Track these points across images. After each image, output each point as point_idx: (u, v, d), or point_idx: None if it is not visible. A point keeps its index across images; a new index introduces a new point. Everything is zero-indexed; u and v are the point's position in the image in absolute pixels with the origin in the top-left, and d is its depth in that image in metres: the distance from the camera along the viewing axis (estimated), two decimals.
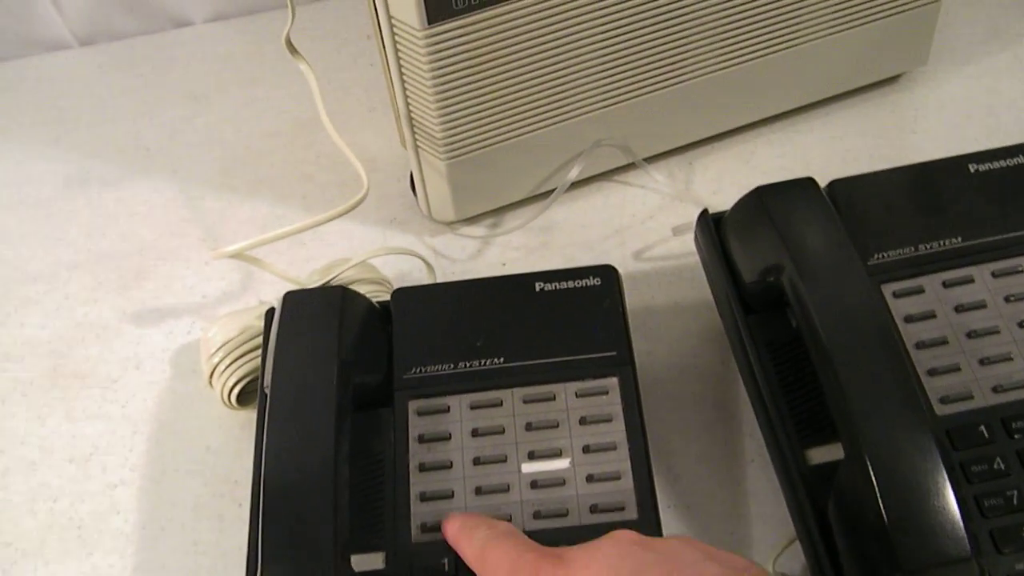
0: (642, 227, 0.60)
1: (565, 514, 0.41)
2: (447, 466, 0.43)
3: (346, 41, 0.74)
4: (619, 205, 0.61)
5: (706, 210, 0.50)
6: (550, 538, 0.38)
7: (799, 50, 0.60)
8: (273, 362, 0.42)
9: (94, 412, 0.54)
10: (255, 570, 0.38)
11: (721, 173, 0.62)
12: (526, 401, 0.44)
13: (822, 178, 0.48)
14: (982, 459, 0.41)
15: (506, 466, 0.42)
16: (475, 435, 0.43)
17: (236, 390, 0.50)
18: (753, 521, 0.47)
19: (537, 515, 0.41)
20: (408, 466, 0.43)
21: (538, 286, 0.47)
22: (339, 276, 0.51)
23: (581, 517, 0.41)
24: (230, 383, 0.49)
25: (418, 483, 0.42)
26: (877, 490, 0.37)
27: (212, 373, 0.50)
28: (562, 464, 0.42)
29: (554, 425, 0.43)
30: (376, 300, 0.48)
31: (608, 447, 0.42)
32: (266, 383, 0.42)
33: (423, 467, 0.43)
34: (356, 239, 0.61)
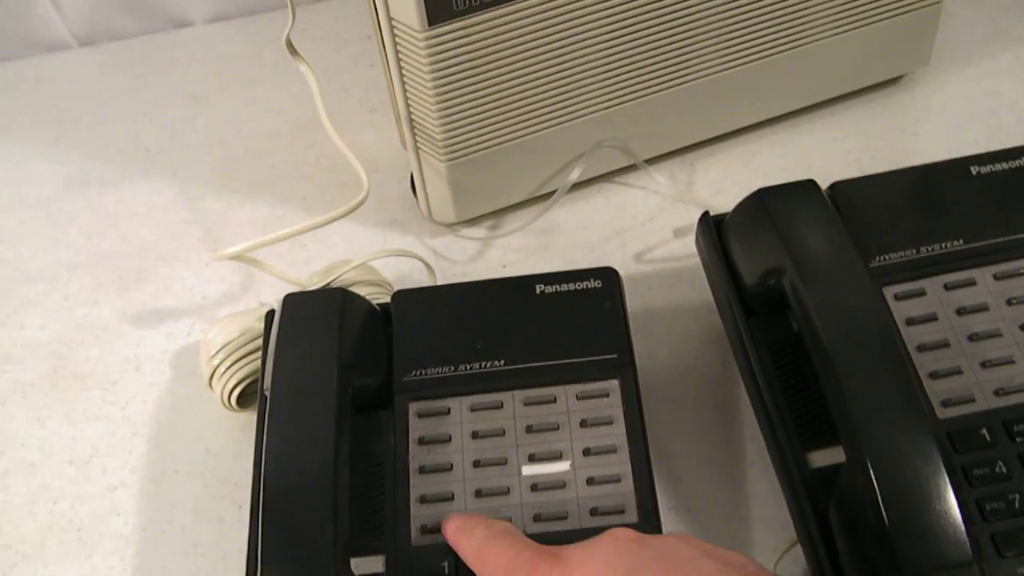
0: (643, 229, 0.60)
1: (565, 517, 0.41)
2: (447, 468, 0.42)
3: (346, 42, 0.74)
4: (620, 207, 0.61)
5: (707, 212, 0.50)
6: (550, 541, 0.37)
7: (801, 51, 0.59)
8: (273, 364, 0.42)
9: (94, 414, 0.54)
10: (255, 572, 0.39)
11: (722, 175, 0.62)
12: (526, 403, 0.44)
13: (823, 180, 0.48)
14: (984, 462, 0.41)
15: (506, 468, 0.42)
16: (475, 437, 0.43)
17: (236, 392, 0.50)
18: (754, 524, 0.47)
19: (537, 518, 0.41)
20: (408, 468, 0.43)
21: (539, 288, 0.47)
22: (339, 278, 0.51)
23: (581, 520, 0.41)
24: (230, 385, 0.49)
25: (418, 485, 0.42)
26: (878, 493, 0.37)
27: (212, 375, 0.50)
28: (562, 467, 0.42)
29: (554, 427, 0.43)
30: (376, 302, 0.47)
31: (609, 450, 0.42)
32: (266, 385, 0.42)
33: (423, 469, 0.42)
34: (356, 240, 0.61)
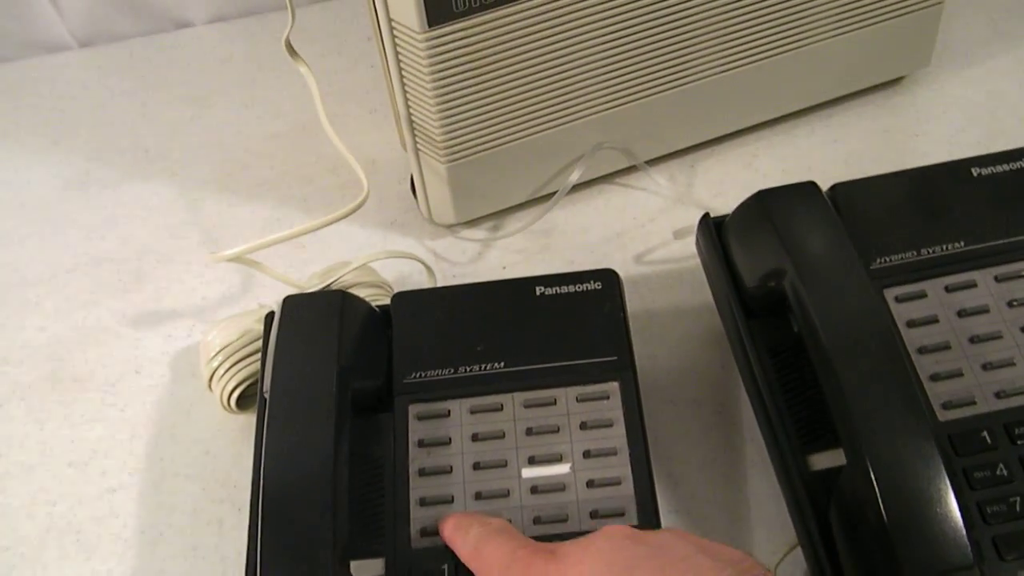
0: (643, 230, 0.59)
1: (565, 519, 0.41)
2: (447, 471, 0.42)
3: (346, 43, 0.74)
4: (620, 208, 0.61)
5: (707, 214, 0.49)
6: None
7: (801, 52, 0.59)
8: (272, 366, 0.42)
9: (93, 416, 0.54)
10: (254, 575, 0.38)
11: (723, 176, 0.62)
12: (526, 406, 0.44)
13: (824, 181, 0.48)
14: (985, 465, 0.41)
15: (506, 471, 0.42)
16: (475, 439, 0.43)
17: (235, 394, 0.50)
18: (754, 526, 0.47)
19: (537, 520, 0.41)
20: (408, 471, 0.42)
21: (539, 290, 0.47)
22: (339, 280, 0.51)
23: (581, 523, 0.41)
24: (229, 387, 0.49)
25: (418, 488, 0.42)
26: (879, 496, 0.37)
27: (211, 377, 0.50)
28: (562, 469, 0.42)
29: (554, 430, 0.43)
30: (376, 304, 0.47)
31: (609, 452, 0.42)
32: (265, 387, 0.42)
33: (423, 472, 0.42)
34: (356, 242, 0.60)
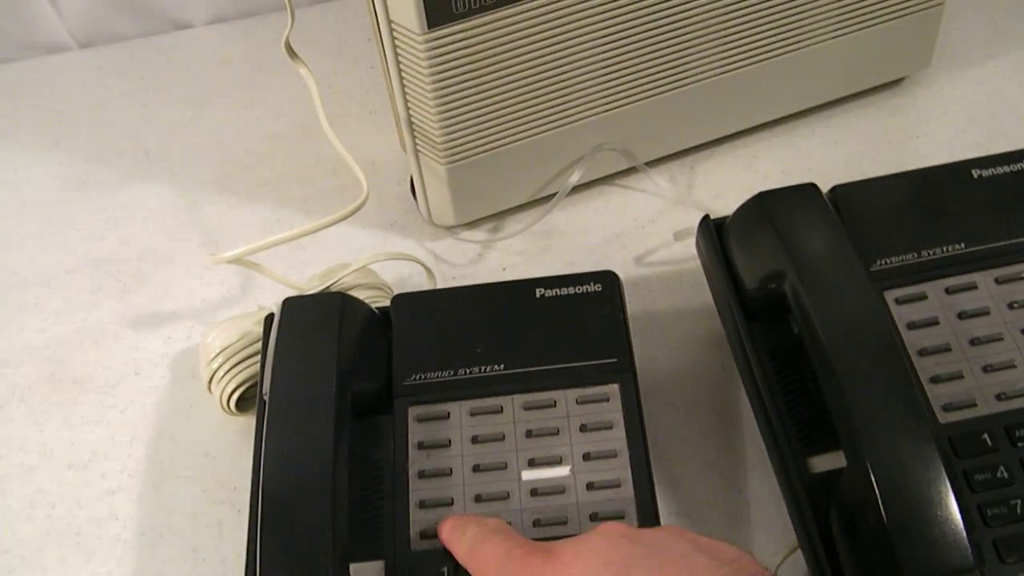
0: (643, 232, 0.59)
1: (565, 522, 0.41)
2: (447, 473, 0.42)
3: (346, 44, 0.74)
4: (620, 210, 0.61)
5: (707, 216, 0.49)
6: None
7: (801, 54, 0.59)
8: (272, 368, 0.42)
9: (93, 417, 0.54)
10: None
11: (723, 177, 0.62)
12: (526, 408, 0.44)
13: (824, 183, 0.48)
14: (985, 468, 0.41)
15: (506, 473, 0.42)
16: (475, 442, 0.43)
17: (235, 396, 0.50)
18: (754, 528, 0.46)
19: (537, 523, 0.41)
20: (408, 473, 0.42)
21: (538, 292, 0.47)
22: (339, 282, 0.51)
23: (581, 525, 0.41)
24: (229, 389, 0.49)
25: (418, 490, 0.42)
26: (879, 498, 0.37)
27: (211, 379, 0.50)
28: (562, 472, 0.42)
29: (554, 432, 0.43)
30: (376, 306, 0.47)
31: (609, 454, 0.42)
32: (265, 389, 0.42)
33: (423, 474, 0.42)
34: (356, 243, 0.60)
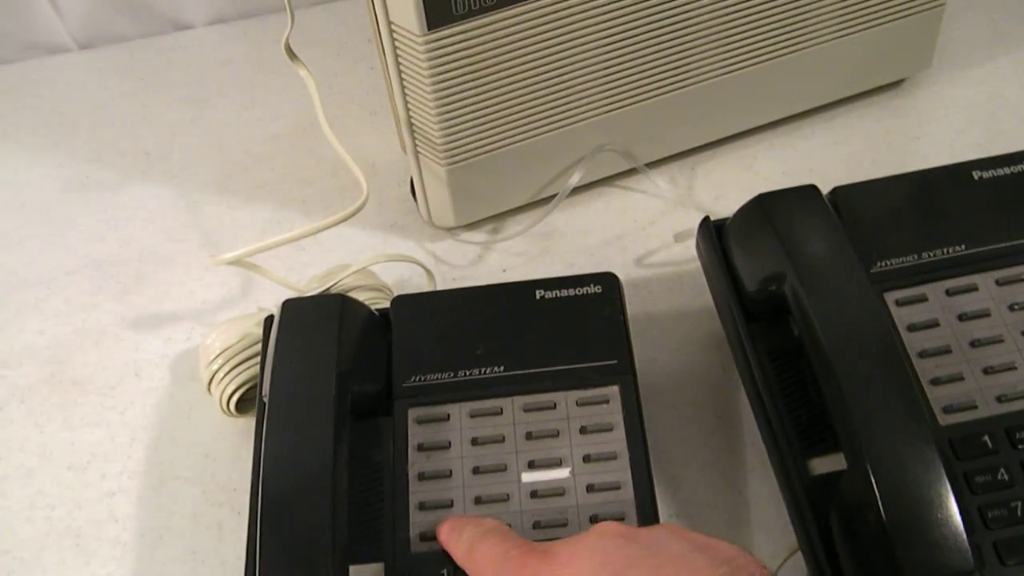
0: (643, 233, 0.59)
1: (565, 524, 0.41)
2: (447, 475, 0.42)
3: (346, 45, 0.74)
4: (621, 211, 0.61)
5: (707, 217, 0.49)
6: None
7: (802, 55, 0.59)
8: (271, 370, 0.42)
9: (93, 419, 0.54)
10: None
11: (723, 179, 0.62)
12: (526, 410, 0.44)
13: (825, 184, 0.48)
14: (986, 470, 0.41)
15: (506, 475, 0.42)
16: (475, 444, 0.43)
17: (235, 397, 0.50)
18: (755, 530, 0.46)
19: (537, 525, 0.41)
20: (407, 475, 0.42)
21: (538, 294, 0.47)
22: (338, 283, 0.51)
23: (581, 527, 0.41)
24: (229, 390, 0.49)
25: (417, 492, 0.42)
26: (879, 500, 0.37)
27: (211, 380, 0.50)
28: (562, 474, 0.42)
29: (554, 434, 0.43)
30: (376, 307, 0.47)
31: (609, 456, 0.42)
32: (265, 391, 0.42)
33: (422, 476, 0.42)
34: (356, 244, 0.60)
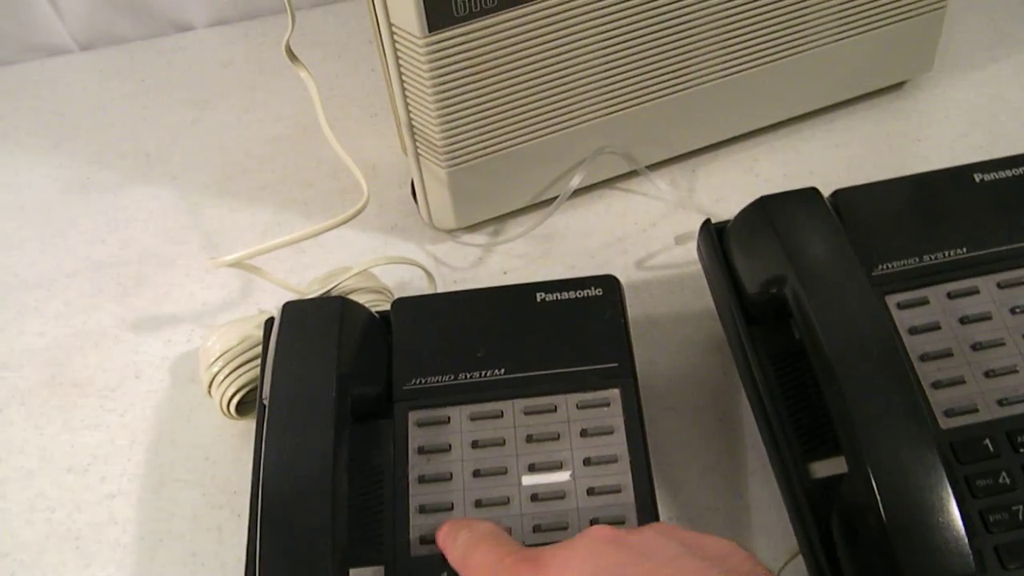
0: (644, 235, 0.59)
1: (566, 527, 0.41)
2: (447, 478, 0.42)
3: (347, 47, 0.74)
4: (621, 213, 0.61)
5: (708, 220, 0.49)
6: None
7: (803, 57, 0.59)
8: (272, 373, 0.42)
9: (93, 421, 0.54)
10: None
11: (724, 181, 0.62)
12: (527, 413, 0.44)
13: (826, 186, 0.47)
14: (987, 473, 0.40)
15: (506, 478, 0.42)
16: (475, 447, 0.43)
17: (235, 400, 0.50)
18: (755, 534, 0.46)
19: (537, 528, 0.41)
20: (408, 478, 0.42)
21: (539, 296, 0.46)
22: (339, 285, 0.51)
23: (582, 530, 0.40)
24: (229, 393, 0.49)
25: (417, 495, 0.42)
26: (880, 505, 0.37)
27: (211, 382, 0.50)
28: (563, 477, 0.42)
29: (555, 437, 0.43)
30: (376, 309, 0.47)
31: (609, 459, 0.42)
32: (265, 394, 0.42)
33: (423, 479, 0.42)
34: (356, 246, 0.60)
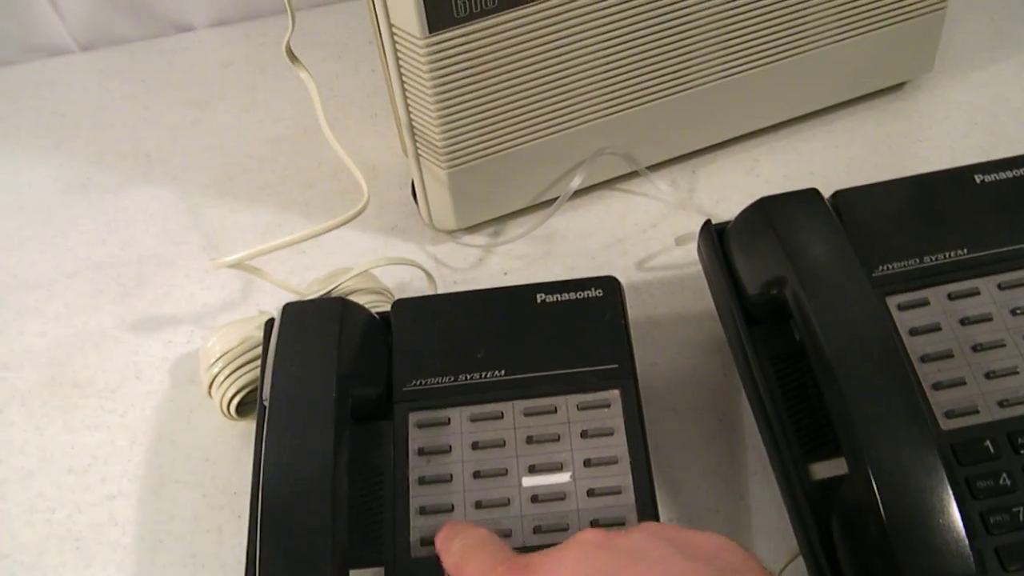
0: (645, 236, 0.59)
1: (566, 528, 0.41)
2: (447, 479, 0.42)
3: (347, 48, 0.74)
4: (622, 214, 0.61)
5: (709, 221, 0.49)
6: None
7: (803, 58, 0.59)
8: (272, 374, 0.42)
9: (93, 422, 0.54)
10: None
11: (724, 182, 0.62)
12: (527, 414, 0.44)
13: (826, 187, 0.47)
14: (988, 475, 0.40)
15: (506, 479, 0.42)
16: (475, 448, 0.43)
17: (235, 401, 0.50)
18: (756, 535, 0.46)
19: (537, 530, 0.41)
20: (408, 479, 0.42)
21: (539, 297, 0.46)
22: (339, 286, 0.51)
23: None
24: (229, 394, 0.49)
25: (418, 496, 0.42)
26: (881, 506, 0.37)
27: (211, 383, 0.50)
28: (563, 478, 0.42)
29: (555, 438, 0.43)
30: (376, 310, 0.47)
31: (609, 461, 0.42)
32: (265, 394, 0.42)
33: (423, 480, 0.42)
34: (357, 247, 0.60)
